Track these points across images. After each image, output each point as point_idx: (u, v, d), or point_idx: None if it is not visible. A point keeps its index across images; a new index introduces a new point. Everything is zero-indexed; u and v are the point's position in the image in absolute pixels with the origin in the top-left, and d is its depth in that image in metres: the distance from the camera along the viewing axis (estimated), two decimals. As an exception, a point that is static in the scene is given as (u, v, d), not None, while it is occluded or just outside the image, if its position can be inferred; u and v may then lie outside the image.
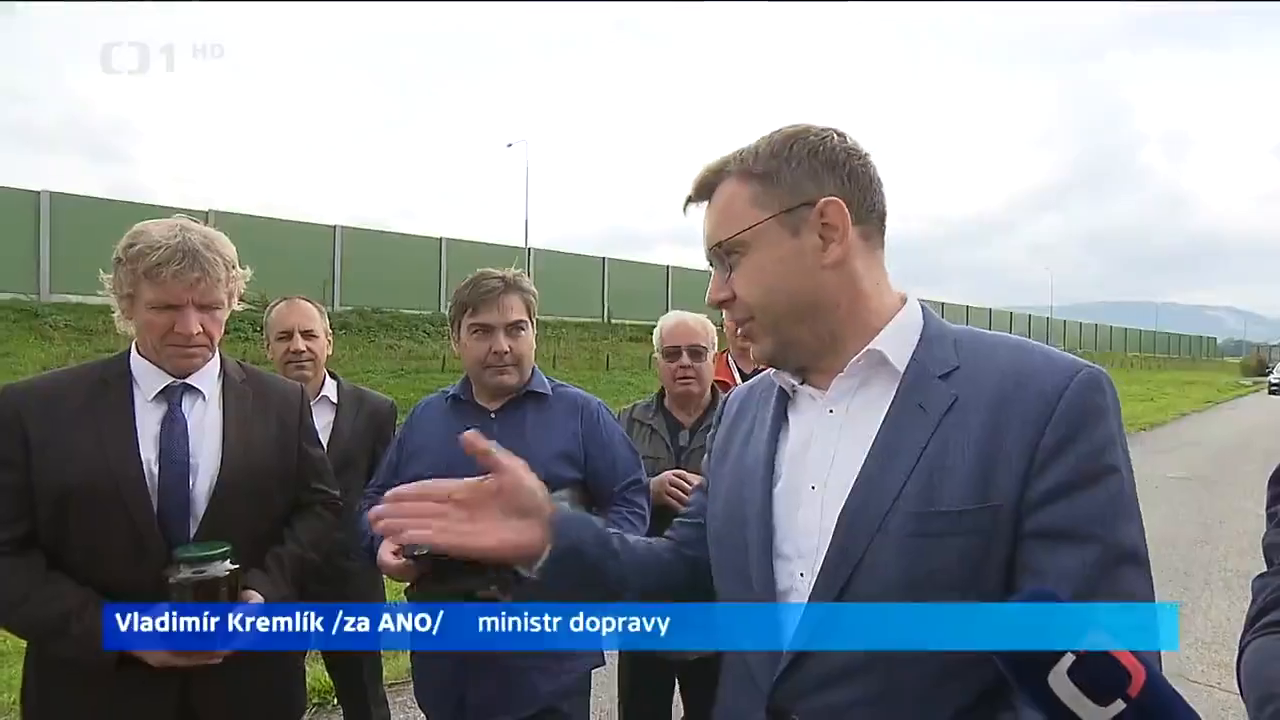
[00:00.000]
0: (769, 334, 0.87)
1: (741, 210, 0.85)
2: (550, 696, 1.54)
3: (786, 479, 0.87)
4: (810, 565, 0.80)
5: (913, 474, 0.77)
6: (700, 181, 0.90)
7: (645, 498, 1.71)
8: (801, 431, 0.88)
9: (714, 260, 0.89)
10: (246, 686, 1.40)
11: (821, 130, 0.87)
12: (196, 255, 1.32)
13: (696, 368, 2.05)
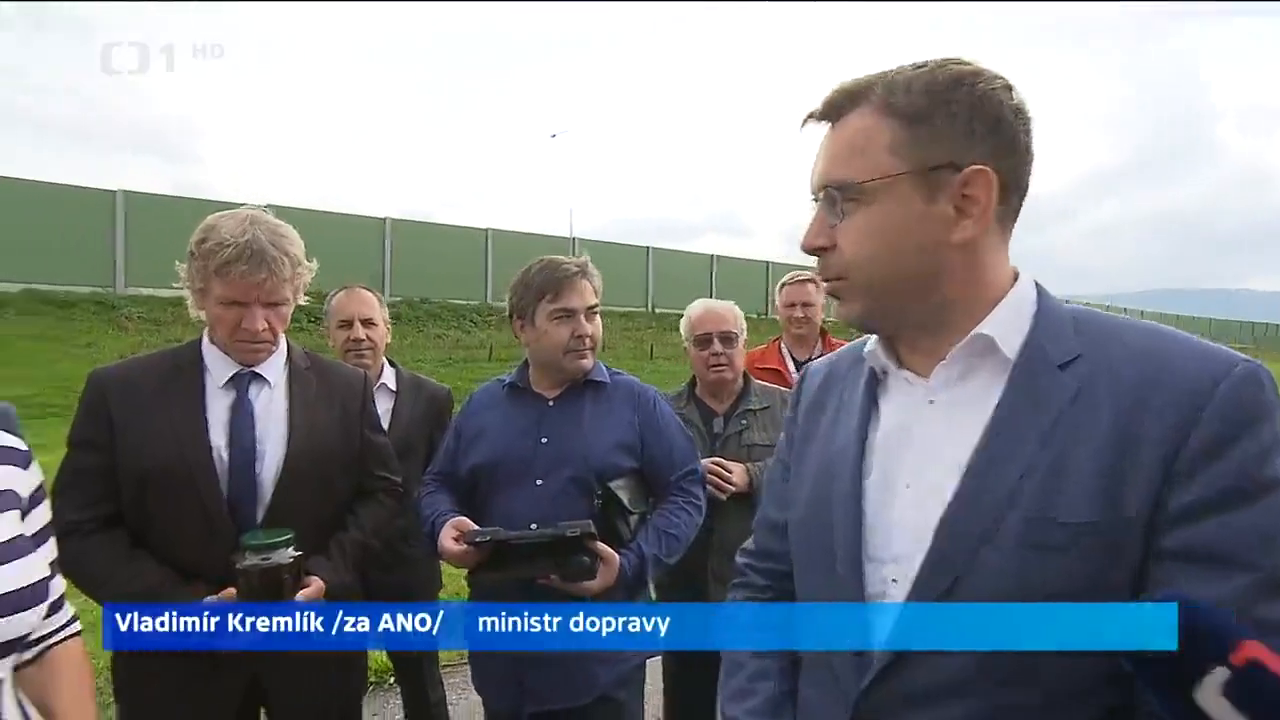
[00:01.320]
0: (862, 298, 0.77)
1: (874, 153, 0.73)
2: (608, 685, 1.56)
3: (878, 473, 0.78)
4: (904, 571, 0.73)
5: (1027, 477, 0.68)
6: (831, 100, 0.76)
7: (701, 487, 1.72)
8: (895, 421, 0.79)
9: (821, 198, 0.77)
10: (312, 664, 1.43)
11: (992, 78, 0.72)
12: (264, 254, 1.36)
13: (728, 354, 2.05)
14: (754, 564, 0.99)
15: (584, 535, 1.42)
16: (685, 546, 1.64)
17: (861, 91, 0.74)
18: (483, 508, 1.59)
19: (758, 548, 1.00)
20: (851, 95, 0.75)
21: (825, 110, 0.77)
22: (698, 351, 2.06)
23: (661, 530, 1.59)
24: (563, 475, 1.57)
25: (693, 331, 2.09)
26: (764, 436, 2.03)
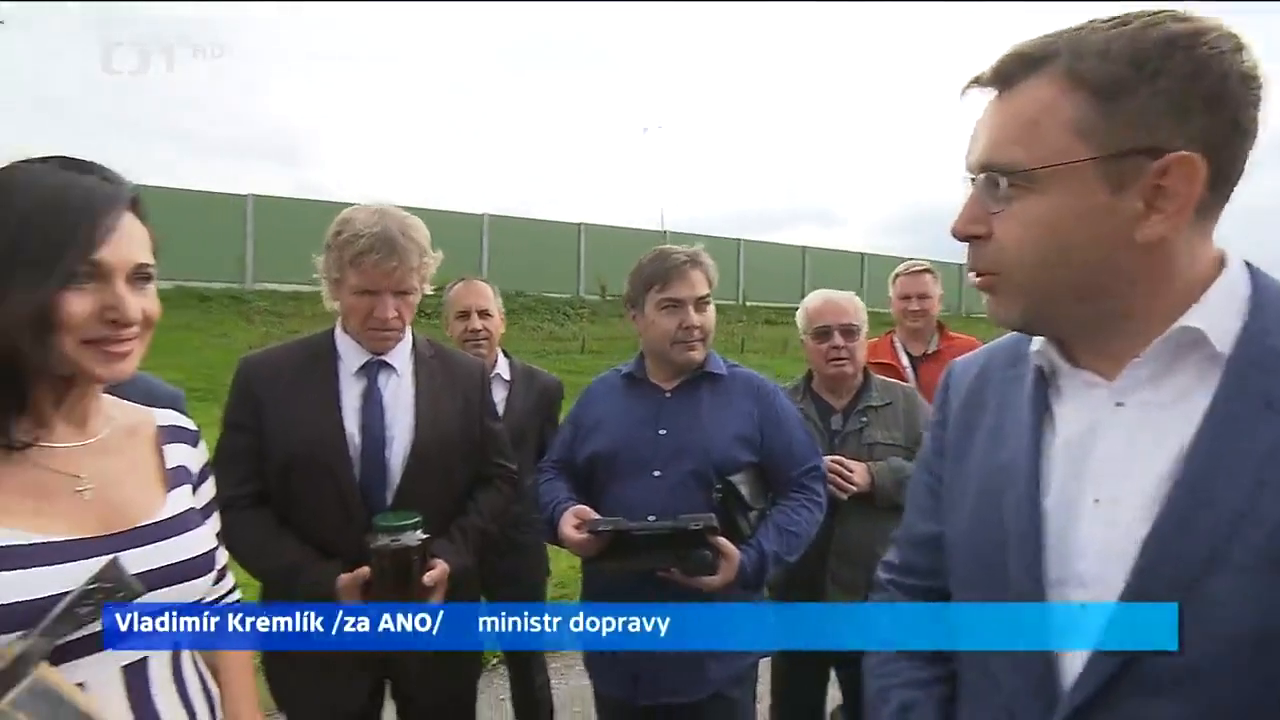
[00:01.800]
0: (1021, 299, 0.68)
1: (1052, 132, 0.62)
2: (722, 683, 1.54)
3: (1058, 485, 0.69)
4: (1097, 596, 0.64)
5: (1266, 486, 0.58)
6: (1004, 65, 0.66)
7: (822, 485, 1.66)
8: (1075, 427, 0.69)
9: (979, 180, 0.67)
10: None
11: (1218, 37, 0.59)
12: (394, 243, 1.41)
13: (849, 348, 1.95)
14: (898, 580, 0.91)
15: (706, 529, 1.39)
16: (806, 545, 1.58)
17: (1043, 55, 0.63)
18: (599, 497, 1.59)
19: (901, 562, 0.91)
20: (1030, 60, 0.63)
21: (995, 76, 0.66)
22: (816, 344, 1.98)
23: (782, 527, 1.55)
24: (681, 467, 1.54)
25: (811, 324, 2.00)
26: (886, 435, 1.93)
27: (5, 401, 0.78)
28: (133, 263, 0.83)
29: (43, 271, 0.76)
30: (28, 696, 0.71)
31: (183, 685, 0.90)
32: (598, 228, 19.63)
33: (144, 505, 0.90)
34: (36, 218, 0.77)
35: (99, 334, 0.80)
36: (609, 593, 1.60)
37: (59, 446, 0.84)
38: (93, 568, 0.78)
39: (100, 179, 0.84)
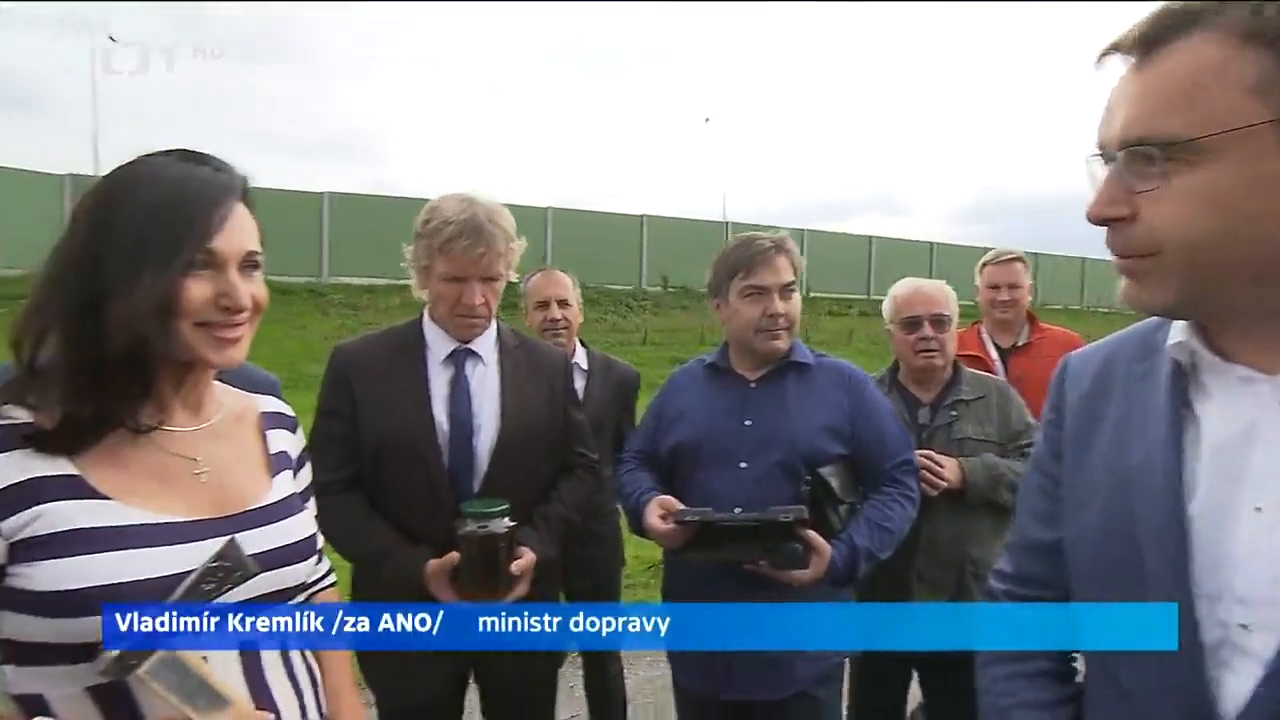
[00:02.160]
0: (1177, 281, 0.61)
1: (1222, 95, 0.56)
2: (807, 681, 1.50)
3: (1206, 491, 0.63)
4: (1263, 618, 0.59)
5: None
6: (1151, 26, 0.60)
7: (915, 479, 1.60)
8: (1227, 428, 0.64)
9: (1123, 158, 0.61)
10: None
11: None
12: (482, 230, 1.43)
13: (940, 339, 1.87)
14: (1013, 590, 0.85)
15: (796, 521, 1.36)
16: (897, 542, 1.52)
17: (1200, 12, 0.57)
18: (683, 488, 1.56)
19: (1015, 571, 0.85)
20: (1183, 18, 0.58)
21: (1139, 40, 0.60)
22: (904, 335, 1.90)
23: (874, 522, 1.49)
24: (768, 459, 1.51)
25: (899, 313, 1.93)
26: (978, 430, 1.84)
27: (133, 387, 0.81)
28: (244, 251, 0.86)
29: (166, 260, 0.79)
30: (159, 666, 0.74)
31: (289, 663, 0.93)
32: (660, 219, 19.60)
33: (252, 489, 0.92)
34: (160, 209, 0.80)
35: (213, 320, 0.83)
36: (689, 584, 1.59)
37: (178, 431, 0.87)
38: (210, 548, 0.80)
39: (214, 170, 0.86)
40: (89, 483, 0.78)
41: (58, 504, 0.76)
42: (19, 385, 0.78)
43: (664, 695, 3.03)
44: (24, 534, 0.75)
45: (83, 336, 0.77)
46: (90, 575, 0.75)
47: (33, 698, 0.77)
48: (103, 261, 0.78)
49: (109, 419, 0.80)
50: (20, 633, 0.76)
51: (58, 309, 0.79)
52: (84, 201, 0.82)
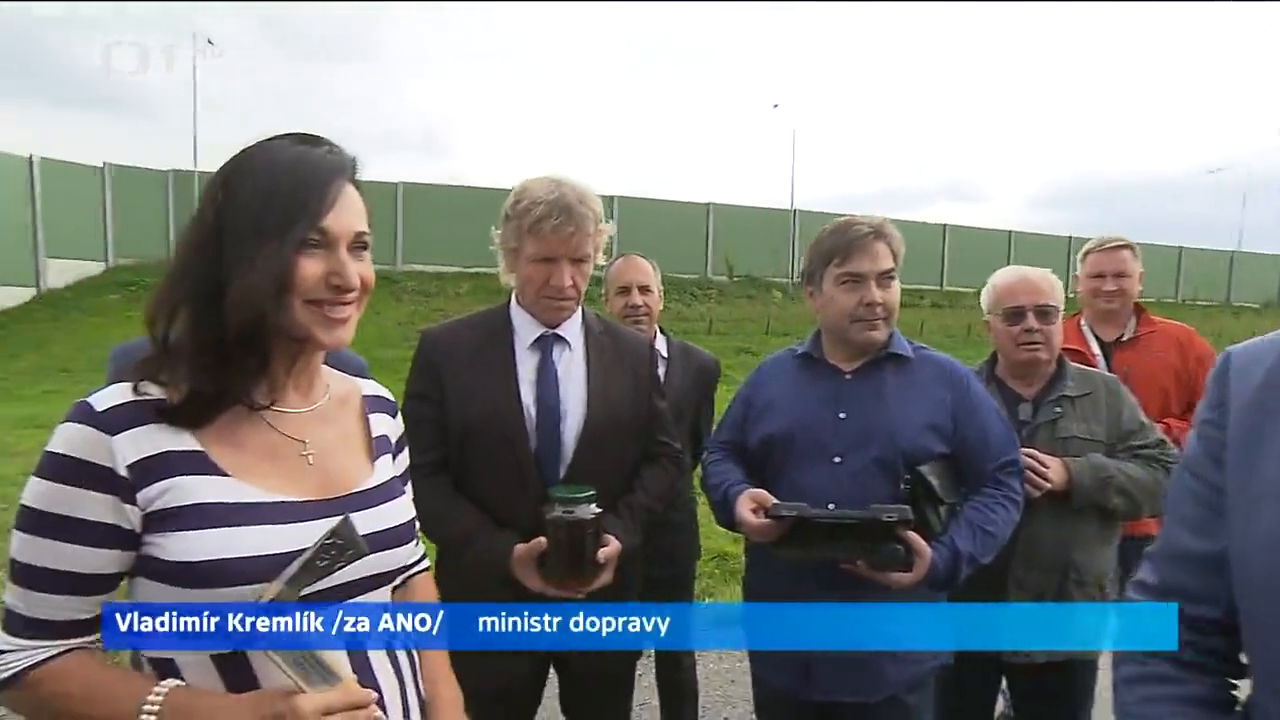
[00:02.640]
0: None
1: None
2: (898, 686, 1.45)
3: None
4: None
5: None
6: None
7: (1020, 481, 1.51)
8: None
9: None
10: None
11: None
12: (572, 210, 1.41)
13: (1045, 331, 1.74)
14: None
15: (900, 521, 1.30)
16: (1000, 547, 1.44)
17: None
18: (773, 482, 1.51)
19: (1160, 582, 0.78)
20: None
21: None
22: (1006, 327, 1.79)
23: (978, 525, 1.41)
24: (865, 454, 1.44)
25: (1000, 304, 1.81)
26: (1083, 428, 1.72)
27: (251, 363, 0.83)
28: (353, 231, 0.86)
29: (281, 238, 0.80)
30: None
31: (391, 645, 0.94)
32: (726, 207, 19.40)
33: (355, 473, 0.93)
34: (276, 190, 0.81)
35: (323, 298, 0.84)
36: (771, 580, 1.55)
37: (288, 412, 0.89)
38: (317, 529, 0.81)
39: (327, 151, 0.87)
40: (211, 459, 0.81)
41: (185, 478, 0.79)
42: (153, 362, 0.81)
43: (733, 689, 3.01)
44: (156, 505, 0.78)
45: (207, 313, 0.80)
46: (213, 549, 0.77)
47: (164, 661, 0.80)
48: (224, 241, 0.80)
49: (229, 395, 0.82)
50: (153, 599, 0.79)
51: (185, 289, 0.81)
52: (209, 186, 0.84)
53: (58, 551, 0.76)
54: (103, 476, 0.76)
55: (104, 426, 0.77)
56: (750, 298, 18.11)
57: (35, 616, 0.78)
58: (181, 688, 0.78)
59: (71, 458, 0.76)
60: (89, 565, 0.77)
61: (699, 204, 19.22)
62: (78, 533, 0.76)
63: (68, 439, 0.77)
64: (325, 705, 0.76)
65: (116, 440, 0.77)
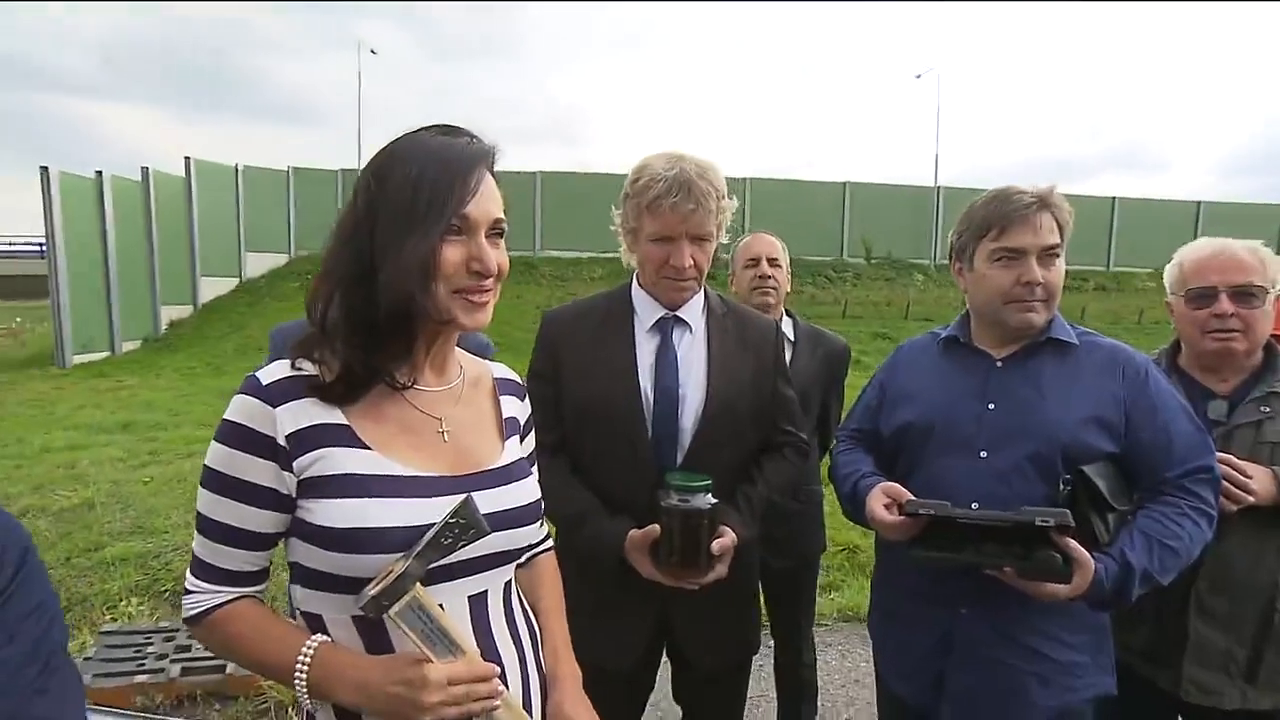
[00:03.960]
0: None
1: None
2: (1047, 712, 1.29)
3: None
4: None
5: None
6: None
7: (1214, 492, 1.29)
8: None
9: None
10: (715, 614, 1.47)
11: None
12: (691, 187, 1.36)
13: (1244, 316, 1.46)
14: None
15: (1058, 527, 1.14)
16: (1184, 567, 1.24)
17: None
18: (908, 476, 1.39)
19: None
20: None
21: None
22: (1193, 310, 1.52)
23: (1155, 538, 1.22)
24: (1016, 450, 1.29)
25: (1186, 282, 1.54)
26: None
27: (398, 345, 0.88)
28: (492, 217, 0.89)
29: (428, 224, 0.83)
30: (406, 610, 0.80)
31: (513, 619, 0.96)
32: (863, 186, 18.52)
33: (487, 451, 0.96)
34: (421, 179, 0.84)
35: (464, 284, 0.86)
36: (904, 581, 1.43)
37: (426, 391, 0.93)
38: (448, 504, 0.84)
39: (468, 141, 0.90)
40: (356, 433, 0.86)
41: (335, 449, 0.85)
42: (310, 342, 0.87)
43: (857, 690, 2.88)
44: (309, 473, 0.84)
45: (359, 297, 0.85)
46: (352, 517, 0.82)
47: (314, 616, 0.88)
48: (375, 228, 0.84)
49: (376, 375, 0.87)
50: (305, 559, 0.86)
51: (340, 274, 0.86)
52: (361, 177, 0.88)
53: (230, 509, 0.85)
54: (267, 444, 0.83)
55: (268, 399, 0.84)
56: (889, 280, 17.18)
57: (215, 564, 0.87)
58: (328, 644, 0.85)
59: (242, 425, 0.84)
60: (255, 524, 0.85)
61: (834, 183, 18.48)
62: (247, 494, 0.84)
63: (240, 408, 0.85)
64: (451, 675, 0.81)
65: (279, 412, 0.84)
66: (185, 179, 14.08)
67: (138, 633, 2.92)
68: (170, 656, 2.72)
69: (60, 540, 4.02)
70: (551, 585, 1.13)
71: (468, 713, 0.82)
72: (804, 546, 2.19)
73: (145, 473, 5.43)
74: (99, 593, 3.40)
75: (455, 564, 0.87)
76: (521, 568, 1.11)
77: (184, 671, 2.63)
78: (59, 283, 11.11)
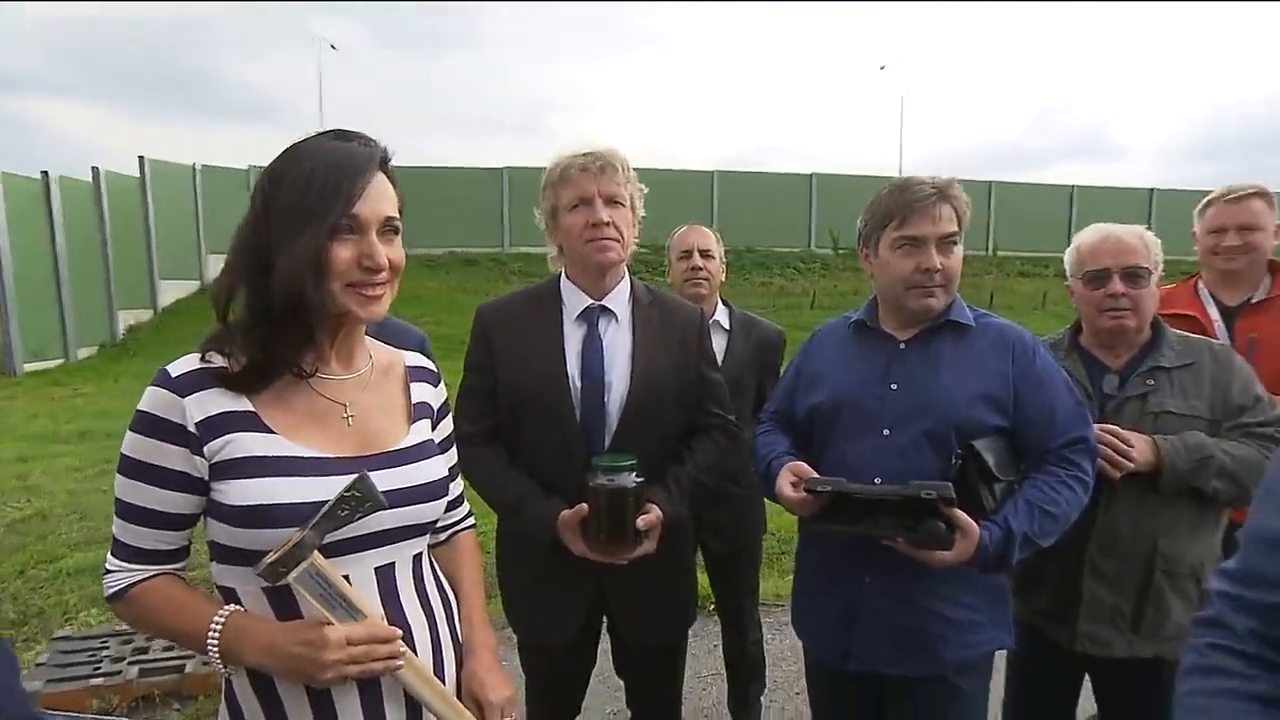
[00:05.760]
0: None
1: None
2: (947, 666, 1.38)
3: None
4: None
5: None
6: None
7: (1091, 461, 1.39)
8: None
9: None
10: (649, 590, 1.55)
11: None
12: (598, 154, 1.47)
13: (1133, 295, 1.57)
14: (1240, 594, 0.70)
15: (940, 499, 1.24)
16: (1062, 530, 1.34)
17: None
18: (820, 454, 1.48)
19: (1246, 570, 0.70)
20: None
21: None
22: (1089, 290, 1.63)
23: (1036, 504, 1.32)
24: (915, 427, 1.38)
25: (1083, 265, 1.65)
26: (1181, 403, 1.54)
27: (297, 336, 0.93)
28: (382, 216, 0.94)
29: (318, 224, 0.89)
30: (305, 576, 0.87)
31: (424, 590, 1.03)
32: (829, 177, 18.72)
33: (391, 434, 1.02)
34: (312, 181, 0.90)
35: (356, 279, 0.92)
36: (818, 553, 1.52)
37: (331, 379, 0.99)
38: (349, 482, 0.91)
39: (359, 144, 0.95)
40: (262, 419, 0.92)
41: (242, 434, 0.91)
42: (218, 336, 0.93)
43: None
44: (220, 456, 0.90)
45: (259, 293, 0.91)
46: (260, 495, 0.89)
47: (228, 590, 0.94)
48: (270, 228, 0.90)
49: (279, 365, 0.93)
50: (219, 537, 0.92)
51: (240, 269, 0.92)
52: (260, 178, 0.94)
53: (146, 493, 0.91)
54: (178, 431, 0.89)
55: (177, 389, 0.90)
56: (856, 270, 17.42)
57: (133, 545, 0.94)
58: (240, 612, 0.91)
59: (154, 415, 0.90)
60: (168, 505, 0.92)
61: (801, 175, 18.64)
62: (160, 478, 0.90)
63: (151, 399, 0.91)
64: (350, 636, 0.87)
65: (187, 401, 0.90)
66: (140, 179, 13.69)
67: (93, 637, 2.91)
68: (127, 659, 2.72)
69: (15, 552, 3.97)
70: (470, 561, 1.19)
71: (368, 671, 0.89)
72: (744, 529, 2.28)
73: (103, 482, 5.35)
74: (56, 605, 3.36)
75: (358, 537, 0.93)
76: (442, 545, 1.17)
77: (142, 673, 2.64)
78: (4, 289, 10.76)
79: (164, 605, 0.93)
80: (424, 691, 0.95)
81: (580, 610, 1.57)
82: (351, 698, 0.92)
